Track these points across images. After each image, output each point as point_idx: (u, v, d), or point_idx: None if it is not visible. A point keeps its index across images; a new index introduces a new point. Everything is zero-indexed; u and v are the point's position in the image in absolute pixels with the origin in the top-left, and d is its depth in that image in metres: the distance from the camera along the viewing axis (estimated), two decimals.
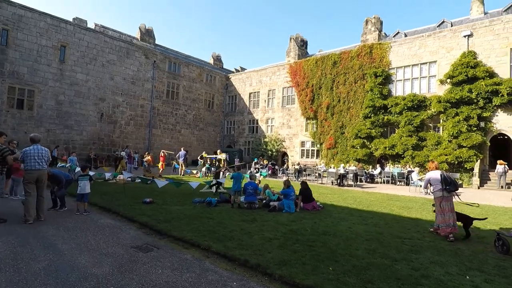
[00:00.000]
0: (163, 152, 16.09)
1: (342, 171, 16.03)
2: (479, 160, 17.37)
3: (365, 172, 17.30)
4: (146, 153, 15.56)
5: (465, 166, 17.56)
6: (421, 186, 13.20)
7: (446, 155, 18.12)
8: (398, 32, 25.36)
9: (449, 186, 5.77)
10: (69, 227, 5.61)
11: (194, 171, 17.34)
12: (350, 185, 15.78)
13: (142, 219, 6.17)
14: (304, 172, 18.52)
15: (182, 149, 18.65)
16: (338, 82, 24.64)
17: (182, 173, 16.80)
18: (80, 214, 6.63)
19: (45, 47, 20.63)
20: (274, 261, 4.03)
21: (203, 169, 16.26)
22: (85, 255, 4.21)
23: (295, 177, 18.58)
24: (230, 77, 34.80)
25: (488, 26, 18.52)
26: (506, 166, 15.98)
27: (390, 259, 4.30)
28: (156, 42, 31.28)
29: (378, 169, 18.30)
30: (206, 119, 32.59)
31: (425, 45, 20.87)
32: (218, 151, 19.45)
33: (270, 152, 28.17)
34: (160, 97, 28.11)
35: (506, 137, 17.97)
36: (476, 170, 16.68)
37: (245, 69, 41.25)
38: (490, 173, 17.36)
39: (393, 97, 21.55)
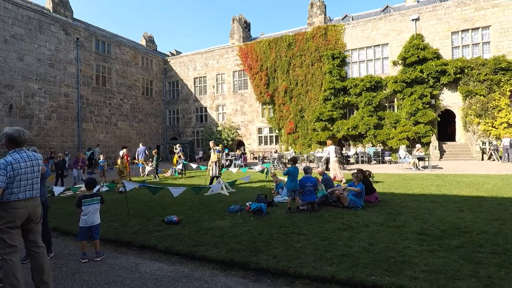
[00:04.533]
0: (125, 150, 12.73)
1: (324, 154, 15.37)
2: (434, 134, 19.01)
3: (343, 154, 17.12)
4: (125, 150, 11.93)
5: (422, 140, 19.01)
6: (409, 163, 13.50)
7: (406, 131, 19.31)
8: (346, 16, 25.92)
9: (339, 155, 10.87)
10: None
11: (166, 170, 14.37)
12: None
13: (209, 254, 3.98)
14: (282, 159, 17.34)
15: (140, 144, 15.30)
16: (295, 64, 23.98)
17: (146, 173, 13.70)
18: (91, 261, 4.02)
19: None
20: None
21: (179, 166, 13.52)
22: None
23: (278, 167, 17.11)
24: (169, 60, 30.94)
25: (432, 11, 20.07)
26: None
27: None
28: (75, 16, 25.36)
29: (353, 150, 18.43)
30: (146, 109, 28.42)
31: (377, 27, 21.64)
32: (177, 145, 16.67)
33: (225, 142, 26.17)
34: (88, 83, 23.01)
35: (450, 111, 20.03)
36: (436, 143, 18.17)
37: (180, 52, 37.47)
38: (443, 145, 19.15)
39: (351, 79, 21.95)
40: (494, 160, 16.36)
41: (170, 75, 30.71)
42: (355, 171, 6.86)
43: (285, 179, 8.69)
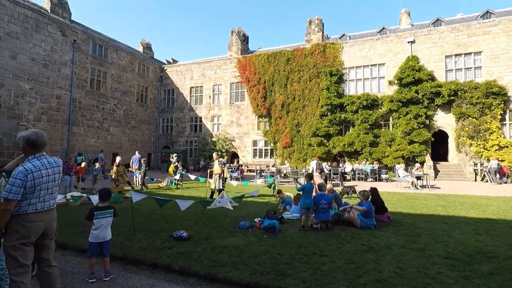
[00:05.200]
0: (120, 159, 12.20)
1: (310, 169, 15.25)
2: (428, 154, 19.29)
3: (340, 171, 17.09)
4: (119, 160, 11.41)
5: (417, 160, 19.23)
6: (408, 182, 13.54)
7: (401, 150, 19.52)
8: (344, 34, 26.53)
9: (321, 170, 11.62)
10: None
11: (163, 180, 13.86)
12: (334, 185, 15.21)
13: (231, 277, 3.68)
14: (279, 173, 17.14)
15: (136, 152, 14.77)
16: (293, 79, 24.16)
17: (143, 183, 13.13)
18: (99, 281, 3.65)
19: None
20: None
21: (176, 176, 13.03)
22: None
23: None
24: (165, 68, 30.71)
25: (427, 35, 20.75)
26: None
27: None
28: (73, 18, 24.97)
29: (350, 167, 18.43)
30: (139, 116, 27.89)
31: (374, 47, 22.16)
32: (174, 154, 16.26)
33: (219, 153, 25.81)
34: (82, 86, 22.44)
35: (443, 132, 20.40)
36: (430, 162, 18.40)
37: (177, 61, 37.40)
38: (436, 165, 19.40)
39: (348, 96, 22.22)
40: (487, 181, 16.64)
41: (166, 83, 30.40)
42: (361, 190, 6.72)
43: (291, 195, 8.52)
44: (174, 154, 14.95)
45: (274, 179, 11.65)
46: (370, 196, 6.74)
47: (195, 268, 3.92)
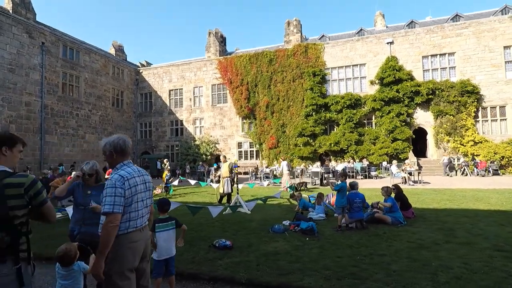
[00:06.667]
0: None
1: (317, 169, 15.40)
2: (410, 150, 20.15)
3: (331, 170, 17.32)
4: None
5: (400, 156, 20.01)
6: (402, 177, 13.98)
7: (385, 147, 20.21)
8: (323, 35, 27.10)
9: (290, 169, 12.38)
10: None
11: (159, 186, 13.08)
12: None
13: (308, 285, 3.41)
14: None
15: None
16: (276, 80, 24.20)
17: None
18: None
19: None
20: None
21: (175, 182, 12.34)
22: None
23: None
24: (141, 71, 29.45)
25: (404, 36, 21.75)
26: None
27: None
28: (38, 19, 23.15)
29: (341, 165, 18.70)
30: (116, 121, 26.45)
31: (355, 48, 22.82)
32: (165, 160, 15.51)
33: (204, 156, 25.20)
34: (54, 92, 20.80)
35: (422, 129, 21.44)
36: (414, 159, 19.21)
37: (151, 64, 36.08)
38: (418, 161, 20.31)
39: (331, 96, 22.64)
40: (466, 175, 17.70)
41: (142, 86, 29.16)
42: (384, 186, 6.76)
43: (306, 195, 8.38)
44: (165, 160, 14.24)
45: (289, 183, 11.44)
46: (393, 193, 6.76)
47: (263, 279, 3.62)
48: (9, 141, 1.88)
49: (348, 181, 6.12)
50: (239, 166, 9.73)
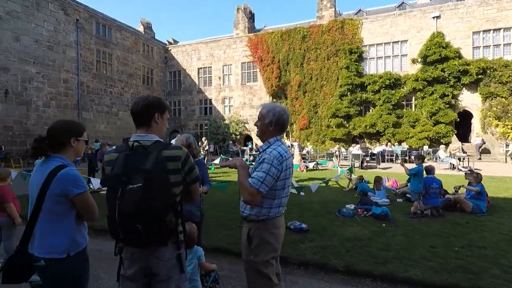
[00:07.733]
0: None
1: (358, 152, 14.78)
2: (454, 135, 18.97)
3: (371, 153, 16.64)
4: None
5: (442, 141, 18.89)
6: (450, 162, 13.17)
7: (426, 131, 19.13)
8: (360, 10, 25.48)
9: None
10: None
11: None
12: (370, 167, 14.82)
13: (415, 276, 3.09)
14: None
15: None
16: (309, 58, 23.20)
17: None
18: None
19: None
20: None
21: (216, 161, 12.22)
22: None
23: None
24: (170, 49, 29.22)
25: (454, 9, 19.93)
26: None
27: None
28: None
29: (378, 148, 17.96)
30: None
31: (396, 23, 21.27)
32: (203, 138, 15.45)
33: (234, 136, 25.08)
34: (89, 69, 21.07)
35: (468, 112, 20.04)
36: (458, 144, 18.08)
37: (178, 42, 35.68)
38: (462, 146, 19.13)
39: (368, 75, 21.49)
40: None
41: (171, 64, 29.01)
42: (468, 170, 6.19)
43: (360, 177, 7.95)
44: (204, 138, 14.12)
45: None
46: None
47: (359, 266, 3.33)
48: (160, 107, 1.62)
49: (424, 164, 5.62)
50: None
